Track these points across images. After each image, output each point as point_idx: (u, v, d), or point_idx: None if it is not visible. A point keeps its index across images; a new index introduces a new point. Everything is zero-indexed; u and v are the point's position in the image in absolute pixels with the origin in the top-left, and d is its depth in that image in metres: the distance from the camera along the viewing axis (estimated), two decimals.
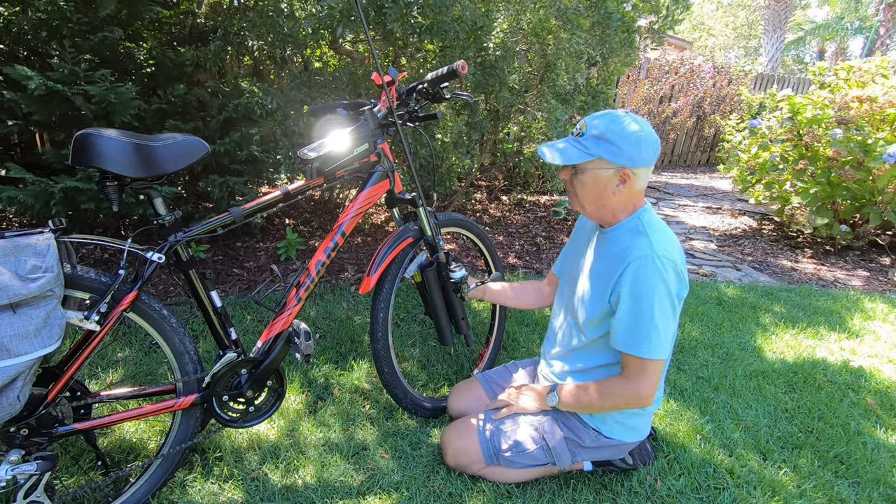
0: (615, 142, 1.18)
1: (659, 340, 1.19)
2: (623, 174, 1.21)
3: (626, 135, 1.18)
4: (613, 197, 1.24)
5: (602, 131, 1.19)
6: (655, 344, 1.19)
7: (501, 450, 1.38)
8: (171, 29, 2.77)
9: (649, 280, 1.17)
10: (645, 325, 1.18)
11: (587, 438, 1.37)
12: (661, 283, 1.17)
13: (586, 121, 1.24)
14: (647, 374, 1.21)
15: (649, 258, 1.18)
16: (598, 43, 3.05)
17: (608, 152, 1.19)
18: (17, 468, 1.06)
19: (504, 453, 1.38)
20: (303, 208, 3.72)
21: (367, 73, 2.87)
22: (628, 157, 1.19)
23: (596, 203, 1.27)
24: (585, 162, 1.22)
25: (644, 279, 1.18)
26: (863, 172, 3.40)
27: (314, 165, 1.39)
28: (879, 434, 1.76)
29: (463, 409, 1.62)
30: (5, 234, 0.99)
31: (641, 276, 1.18)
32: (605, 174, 1.22)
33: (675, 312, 1.22)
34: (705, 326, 2.48)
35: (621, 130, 1.18)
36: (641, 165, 1.20)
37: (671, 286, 1.18)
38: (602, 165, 1.21)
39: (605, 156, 1.19)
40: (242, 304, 2.38)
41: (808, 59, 22.50)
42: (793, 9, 15.11)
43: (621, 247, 1.25)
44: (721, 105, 7.48)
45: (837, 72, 3.99)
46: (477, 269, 3.03)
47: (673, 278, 1.18)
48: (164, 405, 1.27)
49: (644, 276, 1.18)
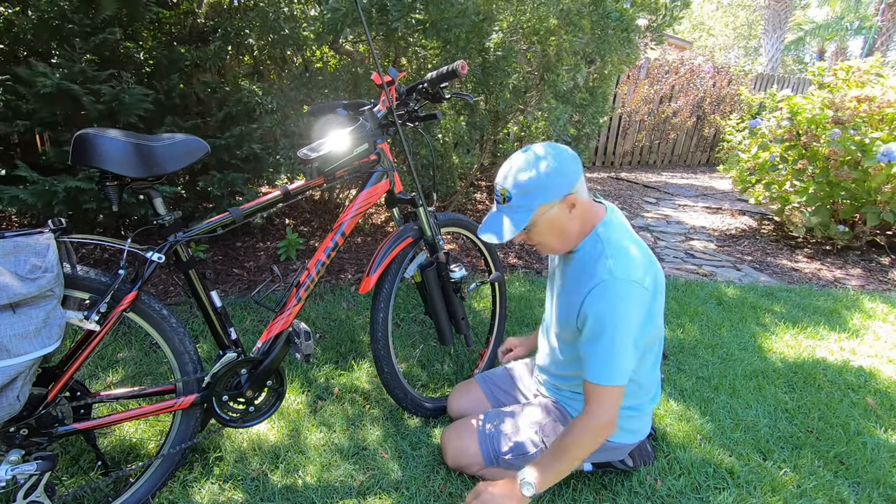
0: (540, 185, 1.18)
1: (617, 367, 1.18)
2: (567, 201, 1.21)
3: (543, 175, 1.18)
4: (571, 224, 1.25)
5: (524, 186, 1.20)
6: (614, 371, 1.18)
7: (501, 452, 1.38)
8: (171, 29, 2.77)
9: (610, 307, 1.16)
10: (604, 352, 1.18)
11: None
12: (621, 308, 1.16)
13: (503, 185, 1.24)
14: (603, 400, 1.19)
15: (608, 283, 1.17)
16: (597, 42, 3.04)
17: (541, 197, 1.19)
18: (17, 468, 1.06)
19: (504, 456, 1.37)
20: (303, 208, 3.72)
21: (368, 72, 2.87)
22: (560, 186, 1.19)
23: (561, 238, 1.27)
24: (531, 220, 1.22)
25: (605, 306, 1.17)
26: (860, 172, 3.40)
27: (314, 165, 1.39)
28: (879, 434, 1.76)
29: (463, 409, 1.62)
30: (5, 233, 0.99)
31: (603, 302, 1.17)
32: (554, 212, 1.22)
33: (641, 333, 1.20)
34: (705, 326, 2.48)
35: (537, 176, 1.18)
36: (575, 182, 1.20)
37: (633, 308, 1.17)
38: (544, 209, 1.21)
39: (542, 202, 1.20)
40: (242, 304, 2.38)
41: (808, 59, 22.50)
42: (793, 9, 15.11)
43: (582, 268, 1.25)
44: (721, 105, 7.48)
45: (837, 72, 3.99)
46: (477, 270, 3.03)
47: (636, 296, 1.17)
48: (164, 405, 1.27)
49: (605, 301, 1.17)
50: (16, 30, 2.23)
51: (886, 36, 13.80)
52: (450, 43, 2.64)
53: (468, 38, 2.63)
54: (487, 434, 1.41)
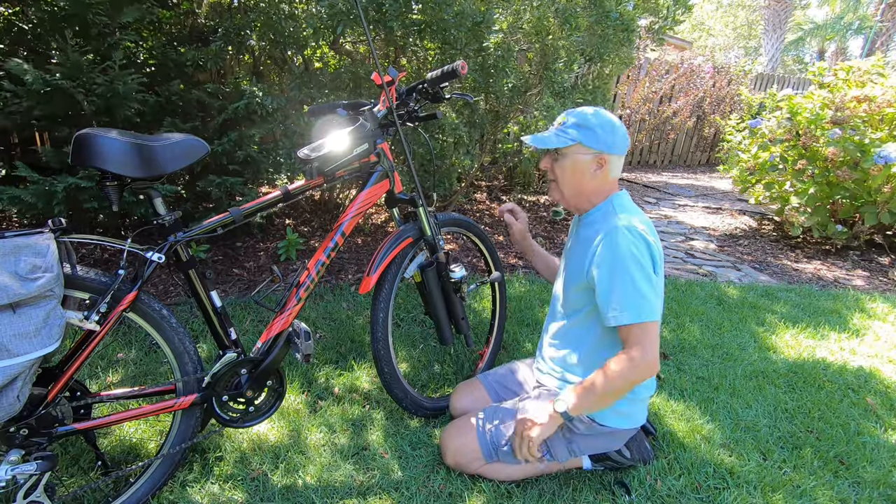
0: (592, 127, 1.30)
1: (647, 303, 1.22)
2: (600, 159, 1.32)
3: (603, 122, 1.31)
4: (590, 182, 1.35)
5: (581, 120, 1.32)
6: (645, 307, 1.22)
7: (500, 444, 1.38)
8: (171, 29, 2.77)
9: (620, 249, 1.24)
10: (628, 291, 1.22)
11: (579, 425, 1.39)
12: (632, 250, 1.23)
13: (567, 113, 1.36)
14: (647, 338, 1.21)
15: (619, 230, 1.25)
16: (597, 41, 3.04)
17: (586, 137, 1.31)
18: (17, 468, 1.06)
19: (504, 447, 1.38)
20: (303, 208, 3.72)
21: (368, 72, 2.86)
22: (604, 143, 1.30)
23: (574, 188, 1.37)
24: (566, 147, 1.33)
25: (615, 249, 1.24)
26: (860, 172, 3.40)
27: (314, 165, 1.39)
28: (879, 434, 1.76)
29: (465, 408, 1.62)
30: (5, 233, 0.99)
31: (612, 246, 1.25)
32: (583, 159, 1.33)
33: (654, 278, 1.25)
34: (705, 326, 2.48)
35: (598, 118, 1.31)
36: (616, 152, 1.32)
37: (642, 256, 1.24)
38: (580, 150, 1.32)
39: (583, 140, 1.31)
40: (242, 304, 2.38)
41: (808, 59, 22.50)
42: (793, 9, 15.11)
43: (594, 228, 1.34)
44: (721, 105, 7.47)
45: (837, 72, 3.99)
46: (477, 270, 3.03)
47: (644, 249, 1.25)
48: (164, 405, 1.27)
49: (615, 245, 1.25)
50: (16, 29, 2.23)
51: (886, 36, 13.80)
52: (448, 43, 2.64)
53: (467, 39, 2.63)
54: (486, 429, 1.42)
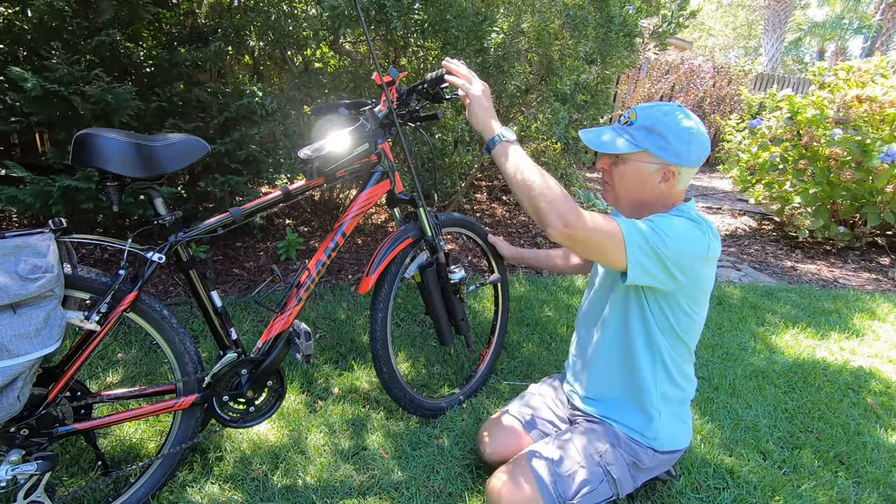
0: (665, 135, 1.11)
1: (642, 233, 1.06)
2: (667, 171, 1.13)
3: (678, 129, 1.11)
4: (651, 194, 1.17)
5: (653, 123, 1.13)
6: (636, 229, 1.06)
7: (569, 498, 1.19)
8: (171, 29, 2.77)
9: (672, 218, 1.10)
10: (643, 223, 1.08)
11: (646, 459, 1.27)
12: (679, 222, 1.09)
13: (637, 109, 1.17)
14: (598, 225, 1.05)
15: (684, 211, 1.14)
16: (601, 44, 3.04)
17: (655, 146, 1.12)
18: (18, 468, 1.06)
19: (571, 500, 1.19)
20: (303, 208, 3.72)
21: (368, 72, 2.86)
22: (676, 154, 1.12)
23: (632, 199, 1.20)
24: (629, 153, 1.15)
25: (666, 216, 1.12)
26: (862, 172, 3.40)
27: (314, 165, 1.39)
28: (879, 434, 1.76)
29: (500, 448, 1.40)
30: (5, 234, 0.99)
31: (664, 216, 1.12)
32: (647, 168, 1.14)
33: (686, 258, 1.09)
34: (705, 326, 2.48)
35: (674, 124, 1.11)
36: (688, 164, 1.13)
37: (688, 232, 1.09)
38: (646, 159, 1.14)
39: (651, 149, 1.13)
40: (242, 304, 2.38)
41: (808, 59, 22.50)
42: (793, 9, 15.11)
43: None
44: (721, 105, 7.48)
45: (837, 72, 3.99)
46: (479, 270, 3.02)
47: (700, 234, 1.09)
48: (165, 405, 1.27)
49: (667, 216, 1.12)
50: (16, 30, 2.23)
51: (886, 36, 13.80)
52: (449, 44, 2.64)
53: (468, 39, 2.63)
54: (549, 481, 1.21)
